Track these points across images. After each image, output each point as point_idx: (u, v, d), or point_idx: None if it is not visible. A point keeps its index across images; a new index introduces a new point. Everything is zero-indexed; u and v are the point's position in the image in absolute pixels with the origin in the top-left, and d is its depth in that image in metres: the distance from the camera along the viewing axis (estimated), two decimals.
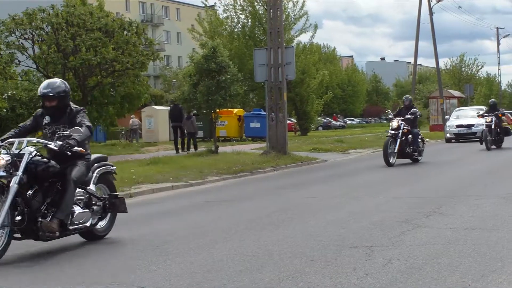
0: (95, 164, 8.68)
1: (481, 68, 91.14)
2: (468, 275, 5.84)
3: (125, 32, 30.46)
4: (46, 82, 8.56)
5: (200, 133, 41.15)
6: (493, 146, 25.01)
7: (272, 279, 5.97)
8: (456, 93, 59.16)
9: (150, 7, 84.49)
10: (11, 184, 7.36)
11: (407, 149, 19.63)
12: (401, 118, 19.75)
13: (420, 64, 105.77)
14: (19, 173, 7.46)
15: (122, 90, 34.95)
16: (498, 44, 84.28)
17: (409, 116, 19.90)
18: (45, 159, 7.86)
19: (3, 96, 28.35)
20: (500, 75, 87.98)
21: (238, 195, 13.29)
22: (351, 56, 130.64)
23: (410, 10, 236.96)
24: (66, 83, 8.63)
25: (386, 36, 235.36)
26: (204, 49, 24.69)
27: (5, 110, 25.82)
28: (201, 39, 43.42)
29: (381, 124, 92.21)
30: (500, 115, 25.68)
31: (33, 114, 8.70)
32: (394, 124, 19.48)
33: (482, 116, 26.19)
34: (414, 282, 5.69)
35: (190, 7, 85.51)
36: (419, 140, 20.12)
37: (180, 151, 27.22)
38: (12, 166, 7.52)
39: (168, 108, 49.59)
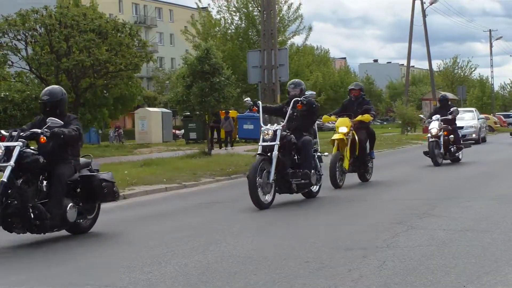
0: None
1: (474, 70, 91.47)
2: (463, 276, 5.85)
3: (119, 34, 30.40)
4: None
5: (193, 135, 41.19)
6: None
7: (267, 281, 5.97)
8: (449, 95, 59.25)
9: (143, 8, 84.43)
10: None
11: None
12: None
13: (413, 66, 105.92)
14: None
15: (115, 91, 34.90)
16: (491, 46, 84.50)
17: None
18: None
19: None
20: (493, 77, 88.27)
21: (232, 196, 13.28)
22: (344, 58, 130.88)
23: (400, 12, 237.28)
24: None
25: (376, 38, 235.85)
26: (198, 51, 24.69)
27: None
28: (194, 41, 43.40)
29: (374, 126, 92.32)
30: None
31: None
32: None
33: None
34: (409, 283, 5.70)
35: (183, 8, 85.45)
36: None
37: (213, 149, 27.55)
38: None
39: (160, 110, 49.50)
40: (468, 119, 33.07)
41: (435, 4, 53.55)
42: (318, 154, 12.45)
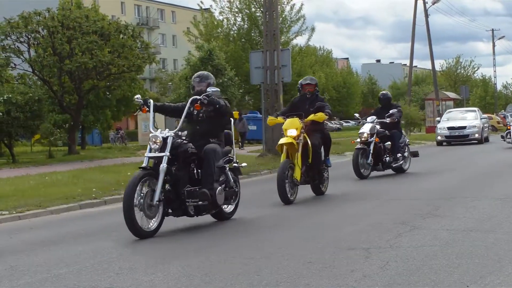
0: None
1: (477, 70, 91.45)
2: (466, 277, 5.84)
3: (121, 35, 30.45)
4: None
5: None
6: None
7: (270, 282, 5.96)
8: (452, 94, 59.28)
9: (145, 10, 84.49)
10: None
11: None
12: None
13: (416, 66, 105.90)
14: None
15: (118, 93, 34.94)
16: (494, 45, 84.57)
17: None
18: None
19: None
20: (495, 77, 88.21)
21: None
22: (347, 59, 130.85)
23: (401, 13, 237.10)
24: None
25: (378, 38, 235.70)
26: (200, 52, 24.76)
27: (0, 114, 25.75)
28: (197, 42, 43.43)
29: None
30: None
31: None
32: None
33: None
34: (412, 283, 5.69)
35: (186, 9, 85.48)
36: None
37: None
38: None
39: None
40: (470, 119, 33.04)
41: (437, 4, 53.57)
42: (234, 165, 10.26)
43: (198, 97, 9.46)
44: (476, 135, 31.83)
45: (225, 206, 10.00)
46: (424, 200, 11.35)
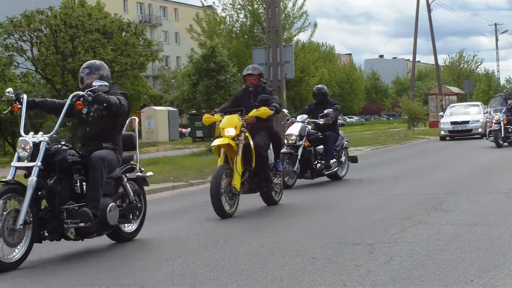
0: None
1: (480, 64, 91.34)
2: (471, 271, 5.84)
3: (124, 33, 30.49)
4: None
5: (200, 133, 41.24)
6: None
7: (275, 278, 5.97)
8: (455, 89, 59.19)
9: (148, 7, 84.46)
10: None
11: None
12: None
13: (419, 61, 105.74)
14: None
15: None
16: (497, 40, 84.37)
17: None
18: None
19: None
20: (499, 71, 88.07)
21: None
22: (350, 54, 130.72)
23: (403, 8, 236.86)
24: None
25: (380, 34, 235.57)
26: (203, 49, 24.77)
27: (4, 112, 25.83)
28: (199, 39, 43.46)
29: (381, 121, 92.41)
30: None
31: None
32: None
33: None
34: (416, 278, 5.69)
35: (188, 7, 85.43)
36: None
37: None
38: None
39: (167, 108, 49.56)
40: (474, 113, 32.97)
41: None
42: (138, 174, 8.57)
43: (81, 92, 7.62)
44: (480, 130, 31.74)
45: (125, 225, 8.30)
46: (428, 194, 11.34)
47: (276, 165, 11.06)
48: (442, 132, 32.64)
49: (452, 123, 32.12)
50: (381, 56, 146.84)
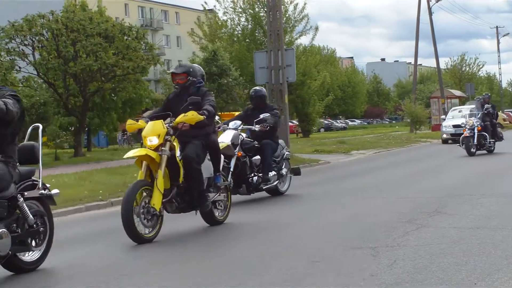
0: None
1: (482, 67, 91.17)
2: (474, 274, 5.81)
3: (125, 37, 30.51)
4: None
5: None
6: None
7: (277, 281, 5.95)
8: (457, 92, 59.13)
9: (149, 11, 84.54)
10: None
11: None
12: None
13: (421, 64, 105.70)
14: None
15: (123, 95, 35.01)
16: (498, 43, 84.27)
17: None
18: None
19: None
20: (500, 74, 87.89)
21: (241, 197, 13.25)
22: (351, 58, 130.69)
23: (404, 11, 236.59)
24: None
25: (381, 36, 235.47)
26: (205, 53, 24.79)
27: None
28: (201, 43, 43.50)
29: (383, 125, 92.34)
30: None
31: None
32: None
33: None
34: (419, 282, 5.67)
35: (190, 10, 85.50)
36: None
37: None
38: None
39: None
40: None
41: (440, 1, 53.46)
42: (41, 192, 6.99)
43: None
44: None
45: (25, 253, 6.84)
46: (430, 198, 11.31)
47: (216, 179, 9.44)
48: (444, 135, 32.60)
49: (454, 126, 32.02)
50: (383, 59, 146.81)
